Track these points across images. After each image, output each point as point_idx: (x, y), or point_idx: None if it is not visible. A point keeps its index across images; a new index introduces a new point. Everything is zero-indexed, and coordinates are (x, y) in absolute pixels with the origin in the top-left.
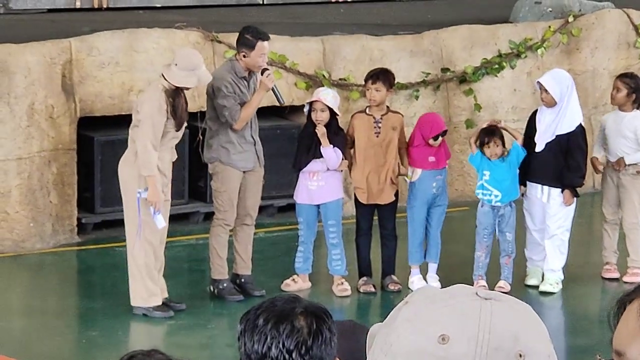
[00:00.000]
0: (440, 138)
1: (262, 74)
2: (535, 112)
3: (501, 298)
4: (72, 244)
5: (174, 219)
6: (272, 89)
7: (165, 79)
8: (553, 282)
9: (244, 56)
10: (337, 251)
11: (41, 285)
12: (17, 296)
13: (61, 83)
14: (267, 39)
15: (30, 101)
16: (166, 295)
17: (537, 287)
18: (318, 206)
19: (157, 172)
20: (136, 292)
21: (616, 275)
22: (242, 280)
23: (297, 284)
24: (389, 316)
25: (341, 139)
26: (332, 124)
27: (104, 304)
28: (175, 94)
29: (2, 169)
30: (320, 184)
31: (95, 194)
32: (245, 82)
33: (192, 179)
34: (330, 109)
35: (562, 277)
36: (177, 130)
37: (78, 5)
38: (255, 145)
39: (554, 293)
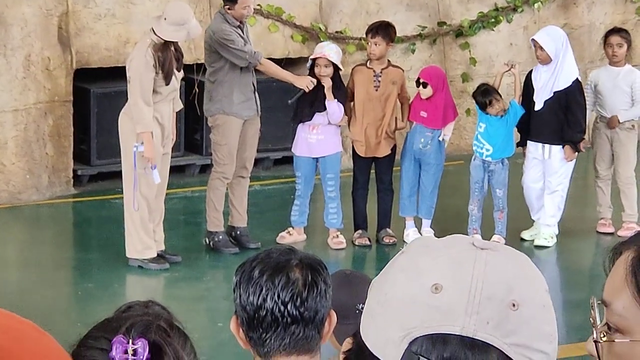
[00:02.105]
0: (426, 89)
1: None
2: (530, 73)
3: (497, 248)
4: (68, 196)
5: (169, 171)
6: (300, 90)
7: (154, 33)
8: (548, 236)
9: (229, 9)
10: (334, 204)
11: (37, 237)
12: (12, 248)
13: (57, 35)
14: None
15: (27, 53)
16: (163, 247)
17: (532, 241)
18: (316, 159)
19: (152, 127)
20: (131, 245)
21: (611, 230)
22: (238, 232)
23: (292, 237)
24: (386, 266)
25: (343, 93)
26: (335, 78)
27: (99, 255)
28: (163, 48)
29: None
30: (319, 137)
31: (91, 146)
32: (240, 30)
33: (188, 131)
34: (334, 64)
35: (557, 232)
36: (166, 84)
37: None
38: (254, 92)
39: (548, 247)
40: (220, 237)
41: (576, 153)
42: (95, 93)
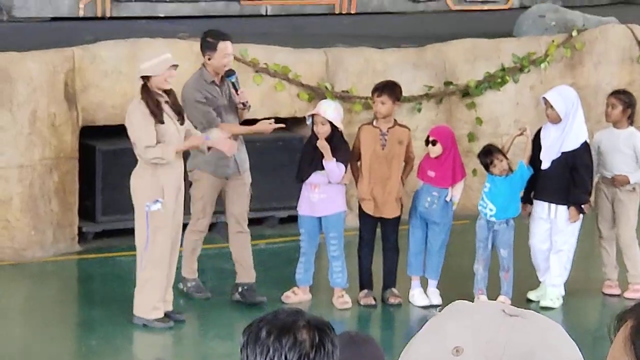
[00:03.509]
0: (435, 147)
1: (229, 80)
2: (539, 131)
3: (527, 316)
4: (73, 253)
5: None
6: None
7: (144, 82)
8: (554, 297)
9: (209, 59)
10: (338, 264)
11: (41, 294)
12: (17, 304)
13: (64, 91)
14: (229, 39)
15: (33, 109)
16: (170, 308)
17: (537, 302)
18: (320, 218)
19: (174, 155)
20: (138, 303)
21: (617, 291)
22: (245, 288)
23: (298, 296)
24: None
25: (344, 152)
26: (334, 137)
27: (103, 312)
28: (148, 93)
29: (3, 176)
30: (321, 196)
31: (97, 202)
32: (215, 86)
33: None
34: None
35: (563, 293)
36: (159, 123)
37: (81, 14)
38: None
39: (554, 308)
40: (192, 283)
41: (581, 215)
42: (100, 150)
